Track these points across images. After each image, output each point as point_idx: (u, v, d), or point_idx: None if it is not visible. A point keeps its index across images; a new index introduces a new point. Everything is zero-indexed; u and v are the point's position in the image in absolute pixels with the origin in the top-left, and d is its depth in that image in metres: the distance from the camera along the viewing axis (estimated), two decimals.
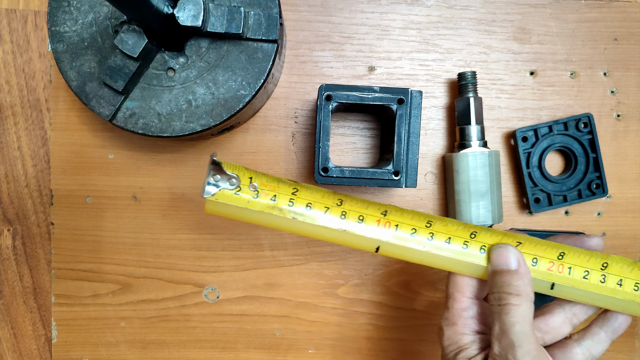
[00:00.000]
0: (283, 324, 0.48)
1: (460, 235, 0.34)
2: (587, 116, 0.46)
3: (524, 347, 0.30)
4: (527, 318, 0.31)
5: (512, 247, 0.33)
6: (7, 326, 0.48)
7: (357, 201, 0.34)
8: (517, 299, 0.31)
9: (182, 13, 0.35)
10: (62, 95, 0.46)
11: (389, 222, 0.34)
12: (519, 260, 0.33)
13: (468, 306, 0.34)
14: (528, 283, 0.32)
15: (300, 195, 0.34)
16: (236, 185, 0.33)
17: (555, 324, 0.35)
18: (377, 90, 0.40)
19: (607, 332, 0.35)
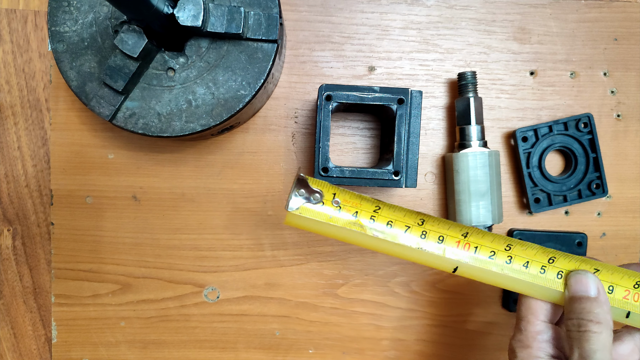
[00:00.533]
0: (283, 324, 0.48)
1: (539, 259, 0.34)
2: (587, 116, 0.46)
3: None
4: (608, 346, 0.32)
5: (591, 274, 0.34)
6: (7, 326, 0.48)
7: (439, 221, 0.35)
8: (598, 327, 0.32)
9: (182, 13, 0.35)
10: (62, 95, 0.46)
11: (469, 244, 0.34)
12: (599, 288, 0.33)
13: (542, 330, 0.34)
14: (607, 311, 0.33)
15: (382, 213, 0.34)
16: (319, 200, 0.34)
17: (625, 352, 0.35)
18: (377, 90, 0.40)
19: None
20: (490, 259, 0.34)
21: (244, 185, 0.47)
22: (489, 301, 0.48)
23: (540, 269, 0.34)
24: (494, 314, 0.49)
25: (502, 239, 0.35)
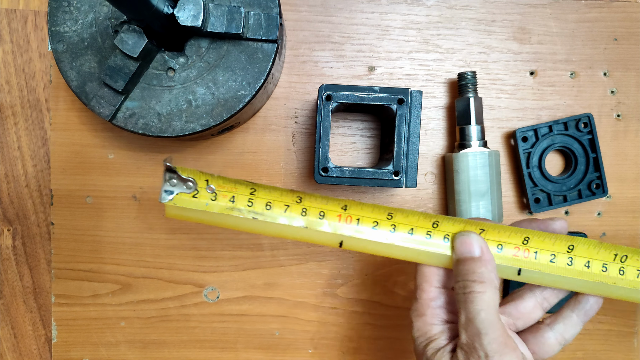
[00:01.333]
0: (282, 324, 0.48)
1: (423, 225, 0.34)
2: (587, 116, 0.46)
3: (490, 335, 0.30)
4: (492, 305, 0.31)
5: (475, 234, 0.33)
6: (7, 326, 0.48)
7: (316, 197, 0.34)
8: (481, 287, 0.31)
9: (182, 13, 0.35)
10: (62, 95, 0.46)
11: (350, 217, 0.34)
12: (482, 247, 0.33)
13: (436, 296, 0.34)
14: (492, 270, 0.32)
15: (259, 195, 0.34)
16: (193, 188, 0.33)
17: (526, 309, 0.35)
18: (377, 90, 0.40)
19: (579, 315, 0.35)
20: (374, 230, 0.34)
21: None
22: None
23: (426, 234, 0.34)
24: None
25: (382, 208, 0.34)
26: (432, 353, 0.32)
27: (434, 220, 0.34)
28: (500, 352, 0.30)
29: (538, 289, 0.35)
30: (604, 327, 0.49)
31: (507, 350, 0.30)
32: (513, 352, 0.30)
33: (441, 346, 0.32)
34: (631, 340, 0.49)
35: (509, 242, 0.34)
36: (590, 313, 0.35)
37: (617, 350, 0.49)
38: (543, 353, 0.35)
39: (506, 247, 0.34)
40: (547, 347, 0.34)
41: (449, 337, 0.33)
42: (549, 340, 0.34)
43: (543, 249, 0.34)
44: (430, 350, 0.33)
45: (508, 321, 0.35)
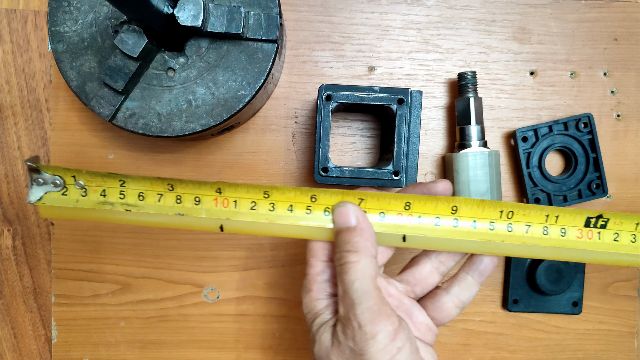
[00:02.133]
0: (282, 324, 0.48)
1: (301, 200, 0.33)
2: (587, 116, 0.46)
3: (363, 304, 0.29)
4: (367, 274, 0.30)
5: (351, 203, 0.32)
6: (7, 326, 0.48)
7: (188, 183, 0.33)
8: (355, 256, 0.30)
9: (182, 13, 0.35)
10: (62, 95, 0.46)
11: (227, 200, 0.33)
12: (358, 216, 0.32)
13: (322, 270, 0.33)
14: (368, 238, 0.31)
15: (130, 186, 0.33)
16: (61, 186, 0.33)
17: (423, 275, 0.35)
18: (377, 90, 0.40)
19: (473, 276, 0.34)
20: (252, 210, 0.33)
21: None
22: (487, 300, 0.48)
23: (306, 209, 0.33)
24: (493, 313, 0.49)
25: (258, 188, 0.33)
26: (317, 329, 0.32)
27: (311, 194, 0.33)
28: (372, 321, 0.29)
29: (434, 254, 0.35)
30: (604, 327, 0.49)
31: (380, 318, 0.29)
32: (387, 319, 0.29)
33: (325, 321, 0.32)
34: (631, 341, 0.49)
35: (391, 209, 0.33)
36: (485, 273, 0.34)
37: (618, 350, 0.49)
38: (442, 318, 0.34)
39: (389, 214, 0.33)
40: (444, 311, 0.34)
41: (333, 311, 0.32)
42: (445, 305, 0.34)
43: (426, 212, 0.33)
44: (315, 325, 0.32)
45: (406, 288, 0.35)
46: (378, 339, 0.29)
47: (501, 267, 0.48)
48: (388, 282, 0.35)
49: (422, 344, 0.34)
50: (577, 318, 0.49)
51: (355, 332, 0.29)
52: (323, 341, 0.31)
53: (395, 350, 0.29)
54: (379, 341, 0.29)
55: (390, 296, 0.34)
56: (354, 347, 0.29)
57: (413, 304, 0.34)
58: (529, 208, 0.33)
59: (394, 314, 0.30)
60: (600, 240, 0.33)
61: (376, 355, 0.29)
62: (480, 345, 0.49)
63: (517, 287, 0.47)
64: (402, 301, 0.34)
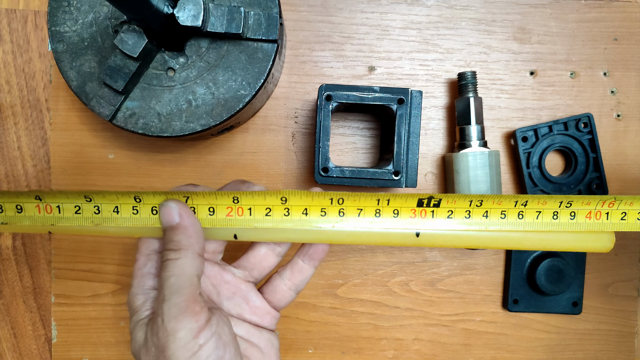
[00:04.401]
0: (282, 324, 0.48)
1: (126, 201, 0.33)
2: (587, 116, 0.46)
3: (171, 301, 0.29)
4: (185, 271, 0.30)
5: (174, 201, 0.32)
6: (7, 326, 0.48)
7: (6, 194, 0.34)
8: (175, 254, 0.30)
9: (182, 13, 0.35)
10: (62, 95, 0.46)
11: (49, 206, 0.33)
12: (181, 214, 0.32)
13: (143, 263, 0.33)
14: (191, 235, 0.31)
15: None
16: None
17: (257, 258, 0.35)
18: (377, 90, 0.40)
19: (304, 260, 0.35)
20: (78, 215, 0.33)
21: None
22: (487, 300, 0.48)
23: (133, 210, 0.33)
24: (493, 313, 0.49)
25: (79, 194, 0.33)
26: (133, 326, 0.31)
27: (134, 195, 0.33)
28: (177, 318, 0.29)
29: None
30: (604, 327, 0.49)
31: (185, 315, 0.29)
32: (192, 317, 0.29)
33: (141, 318, 0.31)
34: (631, 341, 0.49)
35: (221, 204, 0.33)
36: (314, 256, 0.35)
37: (618, 350, 0.49)
38: (277, 301, 0.35)
39: (219, 210, 0.33)
40: (279, 294, 0.35)
41: (150, 308, 0.32)
42: (279, 288, 0.35)
43: (256, 204, 0.33)
44: (133, 322, 0.32)
45: (244, 273, 0.35)
46: (178, 336, 0.29)
47: (501, 267, 0.49)
48: (224, 269, 0.35)
49: (258, 328, 0.35)
50: (577, 318, 0.49)
51: (159, 328, 0.29)
52: (137, 339, 0.31)
53: (197, 347, 0.29)
54: (179, 338, 0.29)
55: (226, 283, 0.34)
56: (158, 343, 0.29)
57: (250, 289, 0.35)
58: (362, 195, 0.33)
59: (202, 310, 0.30)
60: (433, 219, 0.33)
61: (177, 352, 0.29)
62: (481, 345, 0.49)
63: (517, 287, 0.47)
64: (239, 287, 0.35)
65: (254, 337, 0.34)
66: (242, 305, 0.34)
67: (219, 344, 0.30)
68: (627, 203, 0.33)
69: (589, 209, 0.34)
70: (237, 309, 0.34)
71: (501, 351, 0.49)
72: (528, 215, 0.33)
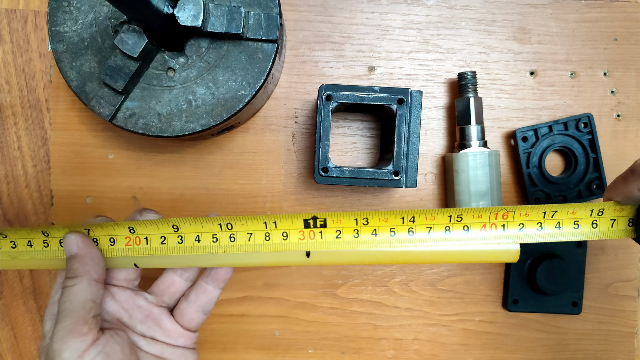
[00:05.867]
0: (282, 324, 0.48)
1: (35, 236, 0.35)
2: (587, 116, 0.46)
3: (61, 324, 0.31)
4: (79, 296, 0.32)
5: (73, 234, 0.34)
6: (7, 326, 0.48)
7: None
8: (72, 280, 0.33)
9: (182, 13, 0.35)
10: (62, 95, 0.46)
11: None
12: (79, 244, 0.34)
13: (55, 291, 0.35)
14: (87, 263, 0.33)
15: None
16: None
17: (165, 284, 0.37)
18: (377, 90, 0.40)
19: (208, 282, 0.37)
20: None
21: (243, 185, 0.47)
22: (487, 300, 0.49)
23: (44, 243, 0.35)
24: (493, 313, 0.49)
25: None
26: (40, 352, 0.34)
27: (43, 229, 0.35)
28: (63, 338, 0.31)
29: None
30: (604, 327, 0.49)
31: (71, 336, 0.31)
32: (79, 337, 0.31)
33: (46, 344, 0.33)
34: (631, 341, 0.49)
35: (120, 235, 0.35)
36: (217, 277, 0.37)
37: (618, 350, 0.49)
38: (187, 323, 0.37)
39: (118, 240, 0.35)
40: (187, 316, 0.37)
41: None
42: (186, 310, 0.37)
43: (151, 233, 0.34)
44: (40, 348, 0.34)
45: (156, 298, 0.37)
46: (63, 356, 0.30)
47: (501, 267, 0.48)
48: (137, 294, 0.37)
49: (173, 347, 0.36)
50: (577, 318, 0.49)
51: (48, 349, 0.31)
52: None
53: None
54: (64, 358, 0.30)
55: (139, 307, 0.36)
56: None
57: (162, 313, 0.37)
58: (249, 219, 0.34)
59: (90, 332, 0.32)
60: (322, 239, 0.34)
61: None
62: (480, 345, 0.49)
63: (517, 287, 0.47)
64: (151, 311, 0.36)
65: (167, 354, 0.36)
66: (154, 328, 0.36)
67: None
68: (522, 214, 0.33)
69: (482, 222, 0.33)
70: (150, 331, 0.36)
71: (501, 351, 0.49)
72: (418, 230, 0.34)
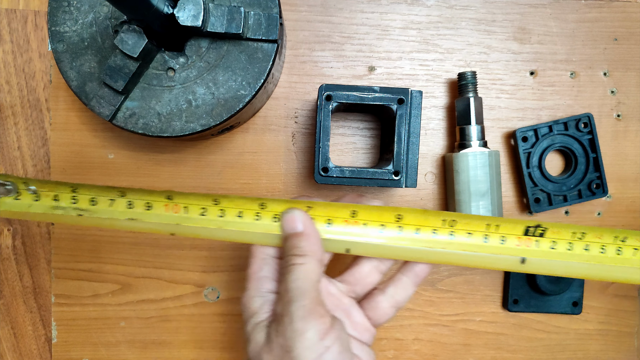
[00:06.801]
0: None
1: (250, 207, 0.34)
2: (587, 116, 0.46)
3: (299, 302, 0.30)
4: (310, 276, 0.31)
5: (298, 210, 0.33)
6: (7, 326, 0.48)
7: (139, 191, 0.35)
8: (302, 259, 0.32)
9: (182, 13, 0.35)
10: (62, 95, 0.46)
11: (177, 205, 0.34)
12: (305, 222, 0.33)
13: (259, 267, 0.34)
14: (315, 242, 0.33)
15: (81, 192, 0.35)
16: (14, 191, 0.34)
17: (362, 274, 0.36)
18: (377, 90, 0.40)
19: (409, 277, 0.35)
20: (202, 217, 0.34)
21: (244, 185, 0.47)
22: (488, 300, 0.48)
23: (255, 216, 0.34)
24: (493, 313, 0.49)
25: (208, 196, 0.35)
26: (252, 327, 0.32)
27: (260, 202, 0.34)
28: (304, 318, 0.30)
29: None
30: (604, 327, 0.49)
31: (312, 317, 0.30)
32: (319, 318, 0.30)
33: (260, 320, 0.32)
34: (632, 341, 0.49)
35: (338, 217, 0.34)
36: (420, 274, 0.35)
37: (618, 350, 0.49)
38: (377, 317, 0.35)
39: (335, 222, 0.34)
40: (380, 311, 0.35)
41: (268, 311, 0.33)
42: (381, 304, 0.35)
43: (371, 220, 0.34)
44: (250, 324, 0.32)
45: (347, 288, 0.35)
46: (307, 337, 0.29)
47: None
48: (329, 281, 0.35)
49: (359, 342, 0.34)
50: (577, 318, 0.49)
51: (286, 328, 0.30)
52: (257, 340, 0.32)
53: (322, 349, 0.30)
54: (307, 338, 0.29)
55: (330, 295, 0.35)
56: (284, 343, 0.30)
57: (352, 304, 0.35)
58: (471, 217, 0.34)
59: (327, 314, 0.31)
60: (538, 248, 0.34)
61: (303, 352, 0.29)
62: (481, 345, 0.49)
63: (517, 287, 0.47)
64: (341, 300, 0.35)
65: (356, 349, 0.34)
66: (343, 320, 0.34)
67: (342, 349, 0.31)
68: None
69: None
70: None
71: (501, 351, 0.49)
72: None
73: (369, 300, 0.35)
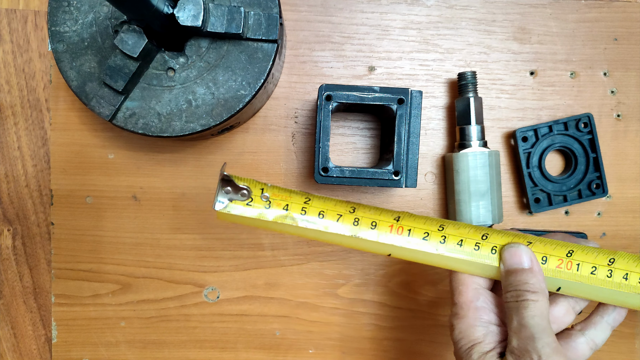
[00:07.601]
0: (283, 324, 0.48)
1: (472, 237, 0.35)
2: (587, 116, 0.46)
3: (543, 339, 0.31)
4: (545, 313, 0.32)
5: (524, 246, 0.34)
6: (7, 326, 0.48)
7: (370, 209, 0.35)
8: (535, 295, 0.32)
9: (182, 13, 0.35)
10: (62, 95, 0.46)
11: (402, 228, 0.35)
12: (532, 259, 0.34)
13: (475, 297, 0.35)
14: (542, 280, 0.33)
15: (313, 204, 0.35)
16: (248, 196, 0.34)
17: (560, 314, 0.36)
18: (377, 90, 0.40)
19: (608, 321, 0.36)
20: (424, 241, 0.35)
21: None
22: None
23: (475, 246, 0.35)
24: None
25: (434, 220, 0.35)
26: (479, 356, 0.33)
27: (483, 232, 0.35)
28: (551, 356, 0.30)
29: None
30: None
31: (558, 356, 0.31)
32: (564, 358, 0.31)
33: (487, 350, 0.33)
34: (632, 341, 0.49)
35: (553, 255, 0.35)
36: (619, 318, 0.36)
37: (619, 351, 0.49)
38: (575, 358, 0.35)
39: (550, 259, 0.35)
40: (579, 352, 0.35)
41: (494, 341, 0.34)
42: (580, 345, 0.35)
43: (585, 261, 0.34)
44: (476, 354, 0.33)
45: None
46: None
47: None
48: None
49: None
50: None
51: None
52: None
53: None
54: None
55: None
56: None
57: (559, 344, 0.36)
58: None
59: (566, 354, 0.32)
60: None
61: None
62: None
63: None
64: None
65: None
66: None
67: None
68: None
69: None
70: None
71: None
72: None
73: (567, 340, 0.35)
